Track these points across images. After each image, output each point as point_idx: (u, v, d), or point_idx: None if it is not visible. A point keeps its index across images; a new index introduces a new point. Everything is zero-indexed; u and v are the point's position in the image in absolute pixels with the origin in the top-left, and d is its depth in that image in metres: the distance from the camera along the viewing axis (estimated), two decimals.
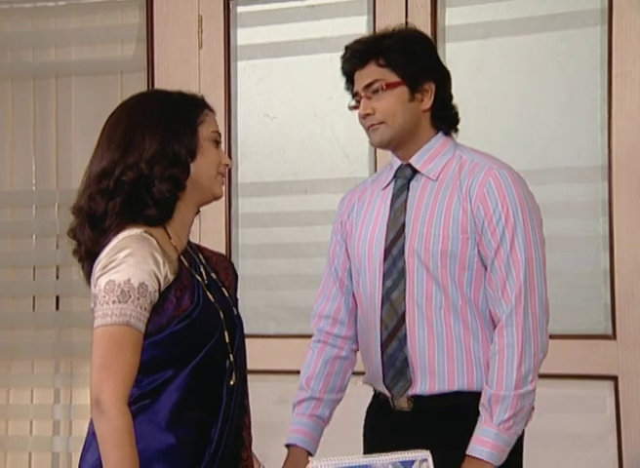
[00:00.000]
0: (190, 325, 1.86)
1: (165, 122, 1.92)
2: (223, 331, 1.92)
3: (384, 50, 2.18)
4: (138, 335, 1.82)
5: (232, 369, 1.92)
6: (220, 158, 1.99)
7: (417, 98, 2.20)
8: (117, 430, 1.76)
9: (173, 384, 1.86)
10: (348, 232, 2.34)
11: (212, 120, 1.99)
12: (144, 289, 1.81)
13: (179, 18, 3.56)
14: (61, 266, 3.82)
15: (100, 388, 1.78)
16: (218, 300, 1.94)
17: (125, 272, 1.81)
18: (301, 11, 3.45)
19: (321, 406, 2.33)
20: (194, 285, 1.90)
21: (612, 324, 3.06)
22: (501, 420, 2.08)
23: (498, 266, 2.12)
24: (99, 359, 1.80)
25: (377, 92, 2.18)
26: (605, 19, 3.07)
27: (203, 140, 1.95)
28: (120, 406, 1.78)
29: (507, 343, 2.09)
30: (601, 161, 3.09)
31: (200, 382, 1.88)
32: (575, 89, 3.15)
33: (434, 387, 2.17)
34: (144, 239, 1.86)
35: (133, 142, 1.91)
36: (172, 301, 1.86)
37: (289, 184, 3.47)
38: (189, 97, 2.00)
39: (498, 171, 2.17)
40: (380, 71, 2.18)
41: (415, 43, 2.22)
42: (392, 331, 2.19)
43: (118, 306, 1.80)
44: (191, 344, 1.87)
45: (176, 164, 1.91)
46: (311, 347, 2.38)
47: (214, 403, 1.90)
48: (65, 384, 3.80)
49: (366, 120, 2.21)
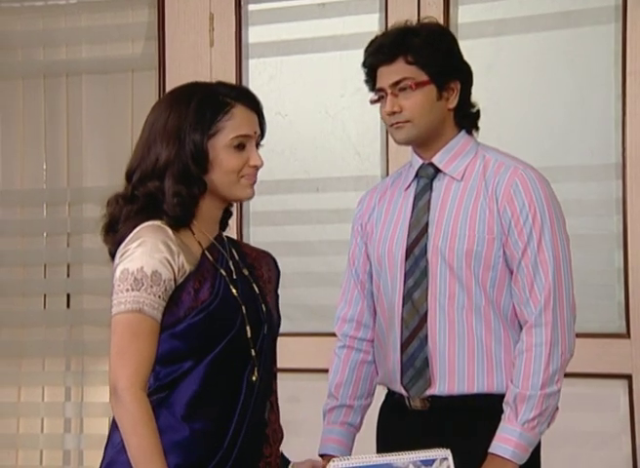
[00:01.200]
0: (208, 317, 1.85)
1: (177, 133, 1.89)
2: (245, 326, 1.89)
3: (413, 47, 2.13)
4: (152, 323, 1.81)
5: (254, 364, 1.91)
6: (245, 161, 1.93)
7: (443, 97, 2.17)
8: (133, 415, 1.76)
9: (191, 376, 1.85)
10: (369, 234, 2.30)
11: (235, 123, 1.92)
12: (158, 277, 1.81)
13: (190, 16, 3.53)
14: (72, 264, 3.80)
15: (116, 375, 1.78)
16: (243, 295, 1.92)
17: (138, 260, 1.81)
18: (312, 9, 3.41)
19: (352, 413, 2.30)
20: (216, 278, 1.89)
21: (625, 322, 3.03)
22: (526, 419, 2.05)
23: (525, 266, 2.09)
24: (114, 347, 1.81)
25: (404, 89, 2.14)
26: (619, 16, 3.03)
27: (219, 152, 1.91)
28: (135, 391, 1.77)
29: (536, 342, 2.06)
30: (615, 159, 3.06)
31: (218, 376, 1.86)
32: (588, 86, 3.11)
33: (453, 388, 2.13)
34: (159, 228, 1.86)
35: (150, 150, 1.92)
36: (189, 293, 1.85)
37: (300, 182, 3.44)
38: (214, 97, 1.93)
39: (524, 171, 2.14)
40: (409, 69, 2.14)
41: (442, 40, 2.18)
42: (413, 331, 2.16)
43: (131, 294, 1.80)
44: (209, 337, 1.85)
45: (186, 180, 1.89)
46: (337, 353, 2.34)
47: (232, 397, 1.87)
48: (77, 382, 3.78)
49: (392, 117, 2.17)
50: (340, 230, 3.36)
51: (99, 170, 3.78)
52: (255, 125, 1.96)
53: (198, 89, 1.97)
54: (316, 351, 3.28)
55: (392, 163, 3.26)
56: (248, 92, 1.99)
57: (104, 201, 1.99)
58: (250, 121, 1.95)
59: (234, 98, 1.93)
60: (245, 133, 1.93)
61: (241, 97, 1.95)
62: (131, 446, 1.77)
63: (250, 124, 1.94)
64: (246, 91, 1.99)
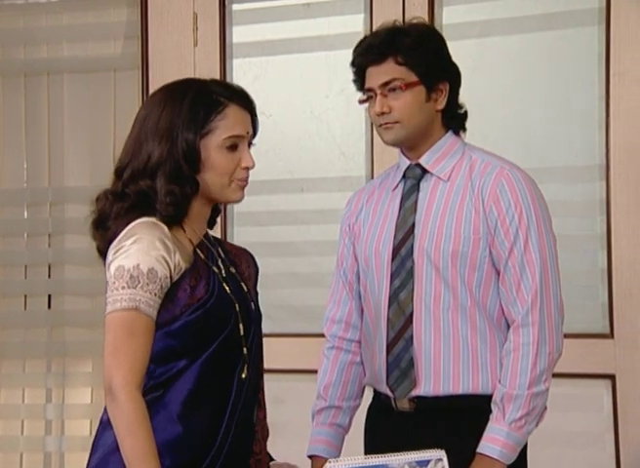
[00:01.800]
0: (204, 315, 1.86)
1: (170, 131, 1.90)
2: (238, 324, 1.91)
3: (403, 47, 2.15)
4: (148, 321, 1.81)
5: (245, 361, 1.92)
6: (238, 163, 1.94)
7: (432, 98, 2.19)
8: (128, 415, 1.76)
9: (186, 375, 1.86)
10: (357, 234, 2.32)
11: (228, 123, 1.92)
12: (154, 274, 1.81)
13: (173, 15, 3.54)
14: (53, 265, 3.80)
15: (111, 374, 1.78)
16: (234, 292, 1.93)
17: (134, 257, 1.81)
18: (297, 9, 3.43)
19: (340, 414, 2.32)
20: (210, 275, 1.90)
21: (609, 323, 3.06)
22: (514, 419, 2.08)
23: (512, 266, 2.12)
24: (109, 345, 1.80)
25: (394, 90, 2.17)
26: (602, 18, 3.06)
27: (210, 152, 1.91)
28: (130, 390, 1.77)
29: (523, 342, 2.09)
30: (598, 160, 3.09)
31: (212, 374, 1.87)
32: (572, 88, 3.14)
33: (439, 389, 2.16)
34: (155, 225, 1.86)
35: (141, 146, 1.92)
36: (186, 290, 1.86)
37: (285, 183, 3.46)
38: (207, 95, 1.93)
39: (510, 171, 2.17)
40: (399, 70, 2.16)
41: (432, 41, 2.21)
42: (399, 332, 2.18)
43: (127, 292, 1.80)
44: (205, 335, 1.87)
45: (178, 179, 1.89)
46: (325, 354, 2.36)
47: (223, 395, 1.89)
48: (57, 384, 3.78)
49: (381, 118, 2.19)
50: (324, 231, 3.40)
51: (80, 169, 3.79)
52: (248, 125, 1.97)
53: (192, 86, 1.97)
54: (300, 352, 3.31)
55: (377, 163, 3.29)
56: (242, 91, 1.99)
57: (86, 201, 1.99)
58: (243, 121, 1.95)
59: (228, 98, 1.94)
60: (238, 133, 1.94)
61: (235, 97, 1.95)
62: (125, 446, 1.77)
63: (243, 124, 1.95)
64: (240, 90, 1.99)
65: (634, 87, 3.04)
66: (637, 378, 3.03)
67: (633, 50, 3.04)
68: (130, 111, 3.66)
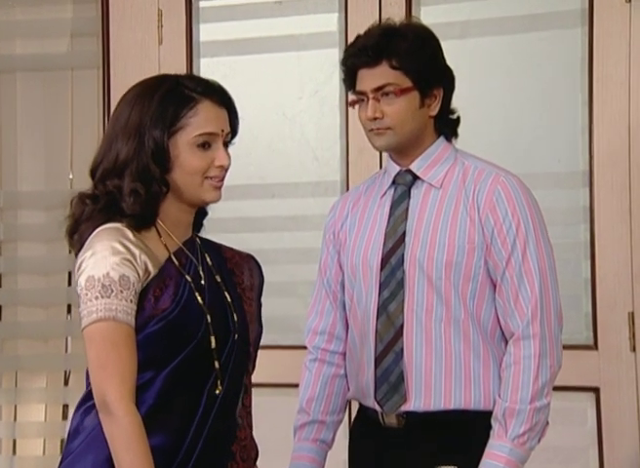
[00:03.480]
0: (167, 326, 1.85)
1: (137, 128, 1.88)
2: (209, 336, 1.89)
3: (399, 51, 2.15)
4: (128, 329, 1.81)
5: (218, 377, 1.90)
6: (210, 161, 1.91)
7: (425, 104, 2.19)
8: (126, 431, 1.76)
9: (151, 387, 1.85)
10: (342, 242, 2.31)
11: (200, 119, 1.89)
12: (126, 280, 1.81)
13: (137, 11, 3.50)
14: (5, 274, 3.73)
15: (103, 390, 1.78)
16: (209, 303, 1.91)
17: (102, 266, 1.81)
18: (268, 7, 3.42)
19: (324, 429, 2.32)
20: (180, 284, 1.88)
21: (593, 334, 3.08)
22: (517, 435, 2.08)
23: (509, 277, 2.12)
24: (94, 361, 1.80)
25: (387, 94, 2.16)
26: (585, 20, 3.10)
27: (180, 150, 1.89)
28: (126, 404, 1.77)
29: (524, 355, 2.09)
30: (582, 166, 3.12)
31: (177, 387, 1.86)
32: (554, 92, 3.17)
33: (430, 404, 2.16)
34: (116, 230, 1.85)
35: (111, 146, 1.92)
36: (150, 300, 1.85)
37: (255, 188, 3.43)
38: (178, 91, 1.90)
39: (505, 178, 2.18)
40: (393, 74, 2.15)
41: (428, 45, 2.21)
42: (388, 345, 2.18)
43: (102, 301, 1.80)
44: (169, 346, 1.85)
45: (145, 179, 1.88)
46: (308, 367, 2.36)
47: (189, 411, 1.87)
48: (9, 400, 3.72)
49: (372, 123, 2.18)
50: (297, 238, 3.38)
51: (35, 173, 3.73)
52: (223, 122, 1.93)
53: (164, 81, 1.95)
54: (271, 365, 3.26)
55: (353, 168, 3.29)
56: (217, 86, 1.96)
57: (41, 206, 1.99)
58: (217, 118, 1.92)
59: (201, 93, 1.91)
60: (210, 130, 1.90)
61: (208, 92, 1.92)
62: (123, 463, 1.76)
63: (217, 121, 1.92)
64: (214, 85, 1.95)
65: (618, 92, 3.07)
66: (622, 391, 3.05)
67: (617, 54, 3.07)
68: (88, 112, 3.67)
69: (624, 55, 3.05)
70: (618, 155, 3.06)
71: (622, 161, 3.06)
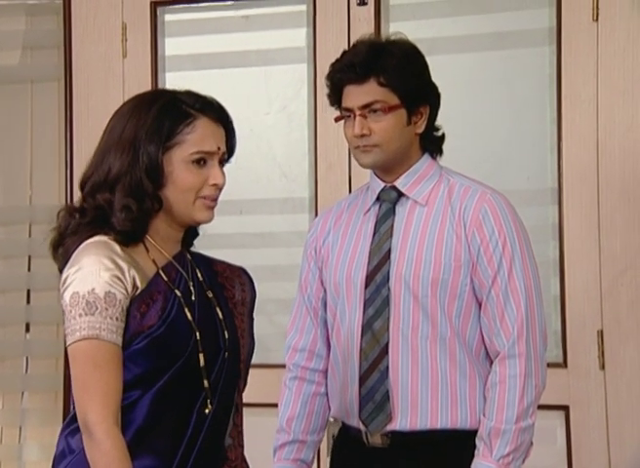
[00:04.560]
0: (153, 343, 1.80)
1: (132, 142, 1.85)
2: (197, 354, 1.85)
3: (387, 68, 2.15)
4: (113, 348, 1.77)
5: (208, 396, 1.86)
6: (204, 179, 1.89)
7: (412, 122, 2.20)
8: (108, 454, 1.72)
9: (136, 407, 1.81)
10: (324, 259, 2.30)
11: (196, 137, 1.86)
12: (112, 297, 1.78)
13: (100, 24, 3.47)
14: None
15: (85, 411, 1.75)
16: (199, 319, 1.87)
17: (87, 281, 1.77)
18: (235, 21, 3.41)
19: (304, 449, 2.30)
20: (169, 300, 1.84)
21: (562, 352, 3.10)
22: (502, 455, 2.08)
23: (495, 295, 2.13)
24: (77, 380, 1.77)
25: (374, 112, 2.16)
26: (554, 38, 3.13)
27: (175, 166, 1.86)
28: (107, 427, 1.73)
29: (510, 374, 2.10)
30: (551, 184, 3.15)
31: (165, 407, 1.82)
32: (523, 110, 3.19)
33: (416, 423, 2.15)
34: (105, 244, 1.82)
35: (104, 159, 1.88)
36: (135, 317, 1.81)
37: (222, 204, 3.31)
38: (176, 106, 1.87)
39: (492, 196, 2.19)
40: (381, 91, 2.15)
41: (416, 63, 2.22)
42: (373, 363, 2.17)
43: (85, 319, 1.76)
44: (156, 364, 1.82)
45: (137, 194, 1.85)
46: (287, 385, 2.33)
47: (178, 431, 1.83)
48: None
49: (359, 140, 2.17)
50: (265, 255, 3.36)
51: None
52: (219, 140, 1.91)
53: (162, 96, 1.93)
54: None
55: (321, 185, 3.29)
56: (215, 103, 1.93)
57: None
58: (214, 136, 1.90)
59: (199, 110, 1.89)
60: (207, 149, 1.88)
61: (206, 109, 1.90)
62: None
63: (214, 139, 1.90)
64: (213, 102, 1.93)
65: (586, 109, 3.10)
66: (592, 410, 3.07)
67: (585, 72, 3.10)
68: (49, 125, 3.61)
69: (592, 73, 3.09)
70: (586, 172, 3.09)
71: (591, 178, 3.09)
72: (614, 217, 3.07)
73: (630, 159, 3.07)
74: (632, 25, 3.06)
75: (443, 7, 3.28)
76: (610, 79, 3.08)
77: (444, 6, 3.28)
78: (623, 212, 3.07)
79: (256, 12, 3.40)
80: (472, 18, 3.26)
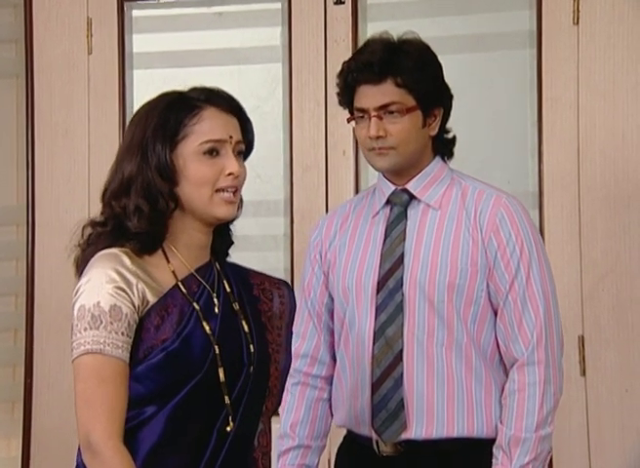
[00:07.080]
0: (167, 358, 1.75)
1: (140, 144, 1.81)
2: (217, 368, 1.79)
3: (405, 69, 2.12)
4: (117, 363, 1.72)
5: (229, 413, 1.80)
6: (220, 170, 1.81)
7: (427, 124, 2.18)
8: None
9: (152, 424, 1.75)
10: (331, 263, 2.26)
11: (204, 126, 1.80)
12: (117, 311, 1.73)
13: (64, 18, 3.38)
14: None
15: (88, 428, 1.69)
16: (221, 333, 1.81)
17: (94, 294, 1.73)
18: (207, 18, 3.35)
19: (309, 454, 2.26)
20: (185, 313, 1.78)
21: None
22: (521, 464, 2.06)
23: (512, 301, 2.11)
24: (80, 396, 1.72)
25: (392, 113, 2.12)
26: (534, 41, 3.14)
27: (186, 160, 1.80)
28: (113, 444, 1.68)
29: (529, 382, 2.08)
30: (532, 188, 3.16)
31: (183, 424, 1.76)
32: (503, 113, 3.20)
33: (432, 432, 2.12)
34: (113, 256, 1.77)
35: (117, 170, 1.85)
36: (149, 330, 1.76)
37: None
38: (181, 101, 1.83)
39: (507, 200, 2.17)
40: (398, 92, 2.12)
41: (432, 64, 2.19)
42: (386, 370, 2.13)
43: (90, 333, 1.72)
44: (172, 379, 1.76)
45: (150, 195, 1.80)
46: (290, 390, 2.28)
47: (198, 449, 1.77)
48: None
49: (375, 142, 2.13)
50: (238, 258, 3.26)
51: None
52: (231, 128, 1.84)
53: (166, 96, 1.88)
54: None
55: (297, 187, 3.24)
56: (223, 93, 1.88)
57: None
58: (225, 125, 1.83)
59: (204, 101, 1.84)
60: (217, 137, 1.82)
61: (213, 99, 1.85)
62: None
63: (223, 127, 1.83)
64: (220, 92, 1.88)
65: (567, 113, 3.12)
66: (572, 415, 3.07)
67: (566, 75, 3.12)
68: (7, 122, 3.48)
69: (573, 76, 3.11)
70: (567, 176, 3.11)
71: (572, 182, 3.10)
72: (594, 222, 3.09)
73: (611, 163, 3.09)
74: (613, 29, 3.09)
75: (422, 7, 3.27)
76: (590, 82, 3.10)
77: (423, 6, 3.27)
78: (604, 216, 3.09)
79: (229, 9, 3.35)
80: (451, 19, 3.25)
